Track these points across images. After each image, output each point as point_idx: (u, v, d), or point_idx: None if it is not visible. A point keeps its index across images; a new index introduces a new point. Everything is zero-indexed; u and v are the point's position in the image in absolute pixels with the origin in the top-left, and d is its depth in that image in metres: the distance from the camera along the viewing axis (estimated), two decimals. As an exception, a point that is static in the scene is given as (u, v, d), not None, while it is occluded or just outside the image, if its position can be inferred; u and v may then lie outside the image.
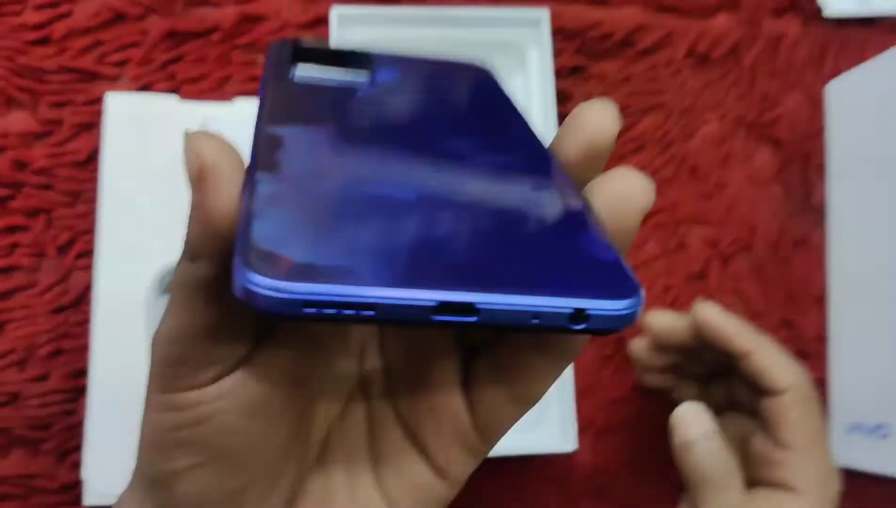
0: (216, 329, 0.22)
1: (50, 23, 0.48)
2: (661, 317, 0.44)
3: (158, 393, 0.23)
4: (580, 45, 0.52)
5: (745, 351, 0.41)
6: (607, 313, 0.17)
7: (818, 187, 0.52)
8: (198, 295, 0.21)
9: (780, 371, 0.40)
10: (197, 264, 0.21)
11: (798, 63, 0.53)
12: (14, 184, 0.46)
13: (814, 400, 0.40)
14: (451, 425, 0.23)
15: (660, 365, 0.46)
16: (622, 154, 0.51)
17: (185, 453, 0.23)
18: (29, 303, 0.46)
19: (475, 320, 0.17)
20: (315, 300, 0.16)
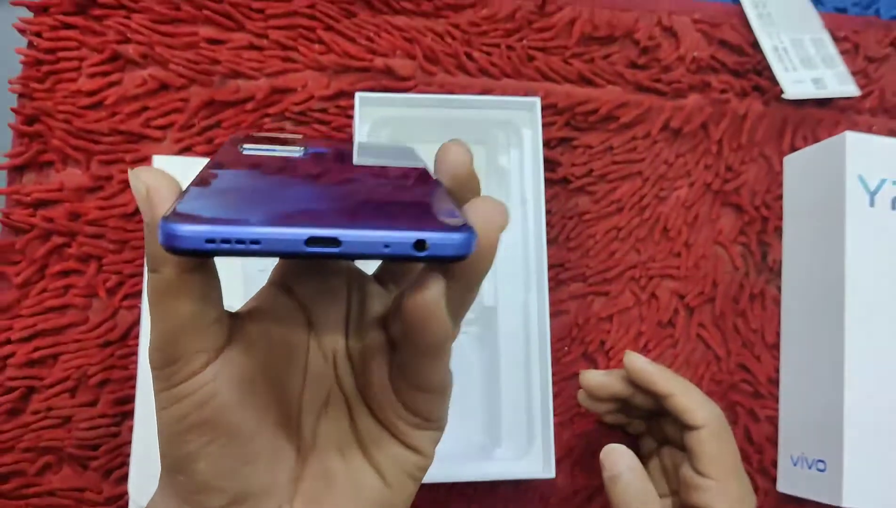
0: (192, 322, 0.27)
1: (102, 89, 0.54)
2: (591, 375, 0.50)
3: (162, 391, 0.28)
4: (569, 118, 0.58)
5: (668, 393, 0.47)
6: (443, 242, 0.23)
7: (774, 247, 0.60)
8: (168, 299, 0.26)
9: (696, 409, 0.46)
10: (160, 273, 0.26)
11: (759, 138, 0.61)
12: (69, 233, 0.53)
13: (727, 433, 0.47)
14: (394, 412, 0.30)
15: (603, 410, 0.52)
16: (603, 215, 0.58)
17: (195, 435, 0.28)
18: (81, 338, 0.52)
19: (339, 251, 0.22)
20: (214, 236, 0.22)
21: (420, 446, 0.31)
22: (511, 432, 0.51)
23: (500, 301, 0.52)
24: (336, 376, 0.32)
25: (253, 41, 0.56)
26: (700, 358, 0.58)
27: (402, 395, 0.30)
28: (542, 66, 0.58)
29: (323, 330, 0.32)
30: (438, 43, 0.58)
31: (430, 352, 0.28)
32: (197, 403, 0.28)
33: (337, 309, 0.32)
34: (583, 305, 0.57)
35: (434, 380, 0.29)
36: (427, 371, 0.29)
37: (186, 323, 0.27)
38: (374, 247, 0.22)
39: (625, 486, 0.45)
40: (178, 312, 0.27)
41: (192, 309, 0.27)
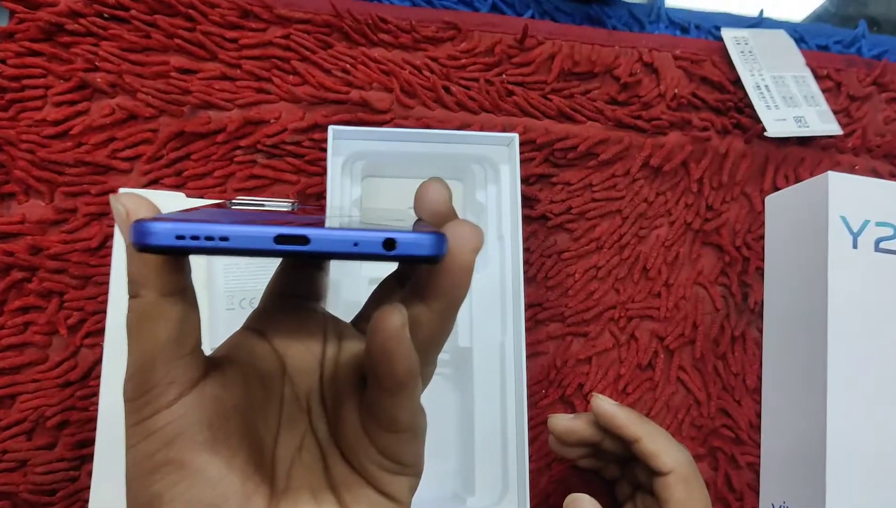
0: (168, 350, 0.27)
1: (68, 119, 0.53)
2: (559, 420, 0.49)
3: (133, 426, 0.27)
4: (548, 154, 0.57)
5: (635, 437, 0.46)
6: (414, 241, 0.23)
7: (756, 289, 0.58)
8: (146, 323, 0.26)
9: (664, 455, 0.45)
10: (140, 297, 0.26)
11: (741, 176, 0.60)
12: (30, 268, 0.51)
13: (695, 479, 0.45)
14: (367, 456, 0.29)
15: (574, 456, 0.51)
16: (582, 253, 0.57)
17: (162, 474, 0.27)
18: (39, 378, 0.50)
19: (307, 249, 0.23)
20: (183, 232, 0.22)
21: (395, 493, 0.30)
22: (486, 479, 0.49)
23: (476, 341, 0.51)
24: (310, 420, 0.31)
25: (226, 71, 0.55)
26: (680, 402, 0.57)
27: (373, 438, 0.29)
28: (521, 101, 0.57)
29: (297, 374, 0.31)
30: (416, 76, 0.57)
31: (394, 388, 0.27)
32: (166, 439, 0.27)
33: (311, 353, 0.32)
34: (561, 346, 0.56)
35: (402, 419, 0.28)
36: (394, 408, 0.28)
37: (163, 349, 0.27)
38: (342, 245, 0.23)
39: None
40: (155, 337, 0.26)
41: (168, 335, 0.27)
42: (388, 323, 0.25)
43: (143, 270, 0.26)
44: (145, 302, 0.26)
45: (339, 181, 0.50)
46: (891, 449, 0.51)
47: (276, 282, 0.34)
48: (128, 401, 0.27)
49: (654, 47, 0.61)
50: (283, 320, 0.32)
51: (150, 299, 0.26)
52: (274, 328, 0.32)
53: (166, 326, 0.27)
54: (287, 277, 0.34)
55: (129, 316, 0.27)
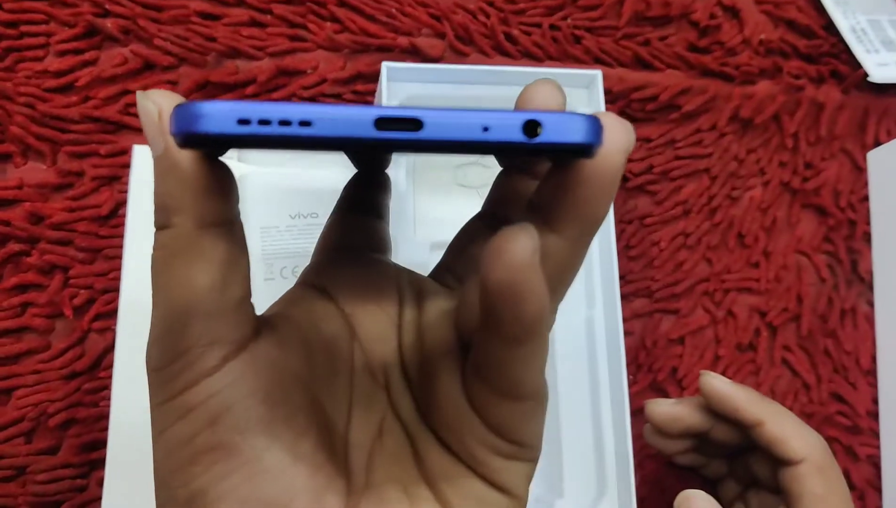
0: (208, 299, 0.20)
1: (74, 69, 0.45)
2: (660, 406, 0.41)
3: (163, 404, 0.20)
4: (624, 106, 0.50)
5: (757, 421, 0.38)
6: (563, 125, 0.17)
7: (865, 256, 0.51)
8: (179, 263, 0.20)
9: (794, 440, 0.37)
10: (173, 227, 0.20)
11: (840, 130, 0.52)
12: (29, 239, 0.43)
13: (832, 470, 0.38)
14: (473, 435, 0.21)
15: (675, 450, 0.43)
16: (668, 219, 0.49)
17: (206, 464, 0.20)
18: (40, 368, 0.42)
19: (420, 136, 0.16)
20: (248, 115, 0.16)
21: (509, 483, 0.22)
22: (577, 479, 0.41)
23: (558, 317, 0.43)
24: (389, 398, 0.24)
25: (254, 16, 0.48)
26: (787, 388, 0.49)
27: (484, 412, 0.21)
28: (592, 47, 0.50)
29: (370, 340, 0.25)
30: (471, 20, 0.50)
31: (522, 336, 0.19)
32: (209, 418, 0.20)
33: (386, 315, 0.25)
34: (649, 325, 0.48)
35: (527, 380, 0.20)
36: (518, 367, 0.20)
37: (202, 299, 0.20)
38: (468, 131, 0.17)
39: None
40: (191, 282, 0.20)
41: (210, 279, 0.20)
42: (517, 247, 0.17)
43: (178, 190, 0.19)
44: (180, 234, 0.20)
45: (391, 133, 0.42)
46: None
47: (331, 233, 0.27)
48: (154, 371, 0.21)
49: (732, -10, 0.54)
50: (349, 275, 0.25)
51: (186, 229, 0.20)
52: (338, 283, 0.25)
53: (207, 267, 0.20)
54: (344, 227, 0.27)
55: (155, 254, 0.20)
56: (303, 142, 0.16)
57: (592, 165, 0.18)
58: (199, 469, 0.20)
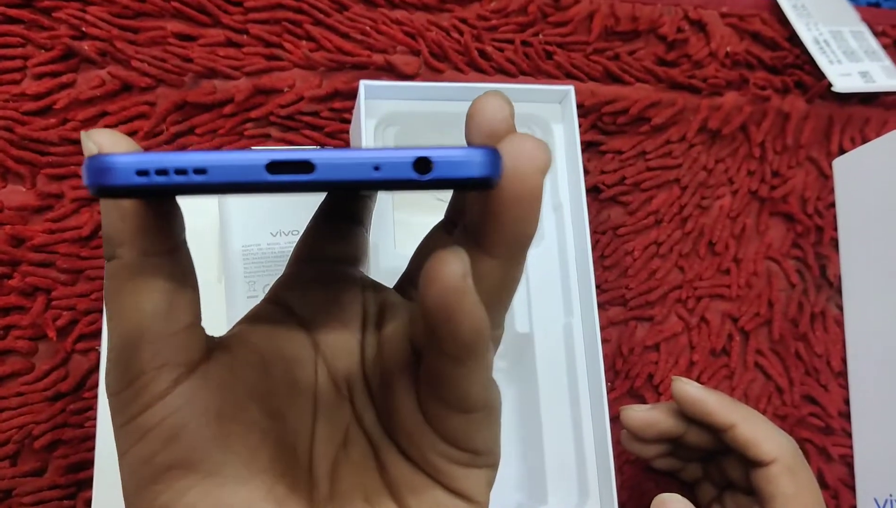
0: (156, 323, 0.21)
1: (51, 92, 0.46)
2: (635, 412, 0.42)
3: (122, 426, 0.21)
4: (595, 119, 0.51)
5: (728, 424, 0.39)
6: (455, 160, 0.17)
7: (833, 261, 0.52)
8: (126, 291, 0.21)
9: (765, 442, 0.39)
10: (118, 258, 0.21)
11: (805, 139, 0.54)
12: (10, 262, 0.43)
13: (803, 470, 0.39)
14: (430, 446, 0.22)
15: (651, 454, 0.44)
16: (640, 228, 0.51)
17: (168, 481, 0.21)
18: (24, 391, 0.42)
19: (312, 178, 0.17)
20: (146, 166, 0.17)
21: (469, 490, 0.23)
22: (558, 485, 0.42)
23: (536, 326, 0.44)
24: (353, 410, 0.25)
25: (231, 37, 0.48)
26: (761, 391, 0.50)
27: (437, 424, 0.22)
28: (563, 62, 0.51)
29: (333, 355, 0.25)
30: (445, 38, 0.50)
31: (461, 354, 0.20)
32: (165, 438, 0.21)
33: (349, 330, 0.25)
34: (625, 332, 0.49)
35: (472, 393, 0.21)
36: (462, 381, 0.21)
37: (149, 324, 0.21)
38: (359, 170, 0.17)
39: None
40: (138, 308, 0.21)
41: (156, 304, 0.21)
42: (446, 271, 0.18)
43: (121, 224, 0.20)
44: (124, 265, 0.21)
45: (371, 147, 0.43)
46: None
47: (304, 244, 0.28)
48: (112, 396, 0.22)
49: (698, 4, 0.56)
50: (314, 290, 0.26)
51: (130, 260, 0.21)
52: (302, 300, 0.25)
53: (151, 295, 0.21)
54: (318, 237, 0.27)
55: (106, 284, 0.21)
56: (200, 188, 0.17)
57: (508, 189, 0.19)
58: (161, 487, 0.21)
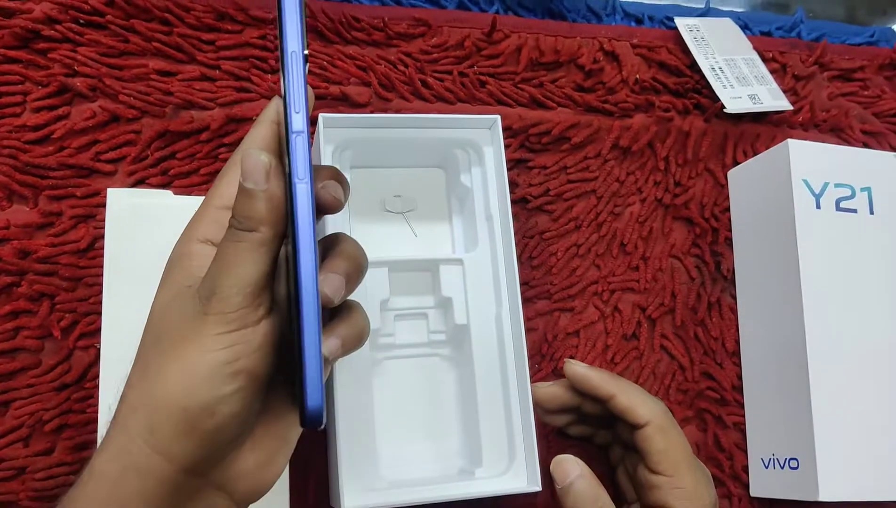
0: (267, 278, 0.33)
1: (49, 123, 0.52)
2: (539, 388, 0.51)
3: (219, 335, 0.32)
4: (523, 140, 0.60)
5: (609, 395, 0.48)
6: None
7: (727, 257, 0.61)
8: (262, 251, 0.33)
9: (639, 407, 0.47)
10: (259, 232, 0.33)
11: (703, 153, 0.63)
12: (18, 272, 0.50)
13: (672, 427, 0.47)
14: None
15: (562, 423, 0.53)
16: (562, 233, 0.59)
17: (237, 378, 0.33)
18: (34, 383, 0.49)
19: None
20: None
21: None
22: (492, 450, 0.50)
23: (472, 318, 0.52)
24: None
25: (205, 72, 0.56)
26: (666, 369, 0.59)
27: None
28: (494, 90, 0.60)
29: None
30: (392, 70, 0.58)
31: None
32: (251, 348, 0.33)
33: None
34: (549, 322, 0.58)
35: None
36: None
37: (267, 274, 0.33)
38: None
39: (576, 495, 0.44)
40: (265, 262, 0.33)
41: (270, 265, 0.34)
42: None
43: (268, 211, 0.33)
44: (263, 237, 0.33)
45: (327, 170, 0.51)
46: (873, 395, 0.54)
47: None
48: (217, 314, 0.32)
49: (612, 37, 0.64)
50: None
51: (266, 235, 0.33)
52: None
53: (269, 258, 0.33)
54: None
55: (243, 243, 0.33)
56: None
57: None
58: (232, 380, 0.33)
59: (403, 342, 0.53)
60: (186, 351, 0.32)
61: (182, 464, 0.33)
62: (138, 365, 0.35)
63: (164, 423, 0.32)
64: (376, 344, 0.52)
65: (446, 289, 0.52)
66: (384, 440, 0.51)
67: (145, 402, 0.33)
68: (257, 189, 0.32)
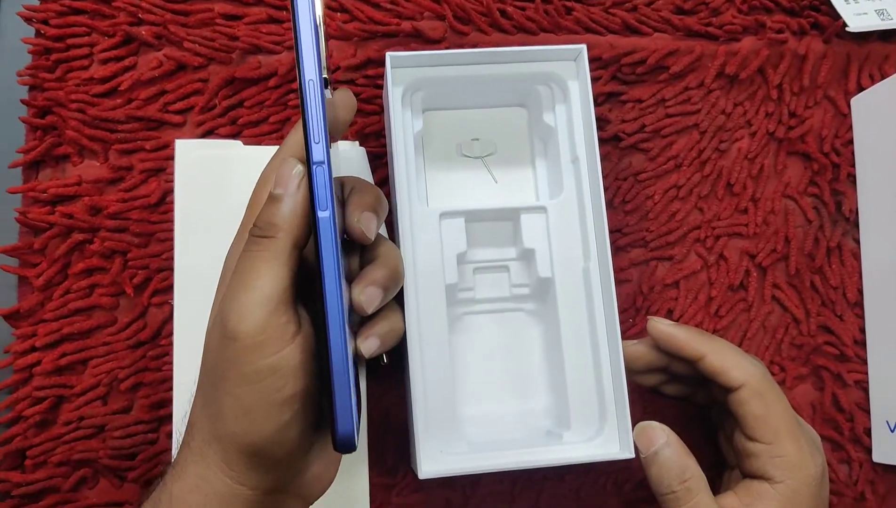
0: (289, 293, 0.32)
1: (116, 75, 0.51)
2: (625, 346, 0.46)
3: (255, 362, 0.31)
4: (615, 71, 0.54)
5: (698, 355, 0.43)
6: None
7: (849, 197, 0.55)
8: (279, 262, 0.32)
9: (733, 369, 0.42)
10: (277, 238, 0.32)
11: (822, 79, 0.56)
12: (90, 229, 0.49)
13: (771, 392, 0.42)
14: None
15: (652, 382, 0.48)
16: (660, 173, 0.54)
17: (291, 403, 0.32)
18: (109, 340, 0.48)
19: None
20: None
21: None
22: (581, 413, 0.46)
23: (557, 270, 0.48)
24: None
25: (272, 14, 0.53)
26: (777, 322, 0.53)
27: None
28: (582, 17, 0.54)
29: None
30: (468, 1, 0.54)
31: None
32: (291, 371, 0.32)
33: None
34: (645, 272, 0.53)
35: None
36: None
37: (287, 289, 0.33)
38: None
39: (661, 465, 0.40)
40: (285, 275, 0.32)
41: (290, 278, 0.33)
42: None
43: (290, 216, 0.33)
44: (281, 244, 0.33)
45: (399, 114, 0.47)
46: None
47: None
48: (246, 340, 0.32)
49: (717, -49, 0.57)
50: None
51: (285, 243, 0.33)
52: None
53: (289, 271, 0.33)
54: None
55: (259, 253, 0.33)
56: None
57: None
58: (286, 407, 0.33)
59: (484, 296, 0.50)
60: (234, 386, 0.32)
61: (263, 489, 0.34)
62: (200, 391, 0.35)
63: (238, 458, 0.33)
64: (455, 299, 0.49)
65: (528, 240, 0.48)
66: (465, 400, 0.49)
67: (216, 436, 0.33)
68: (285, 194, 0.33)
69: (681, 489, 0.40)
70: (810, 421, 0.52)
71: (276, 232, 0.32)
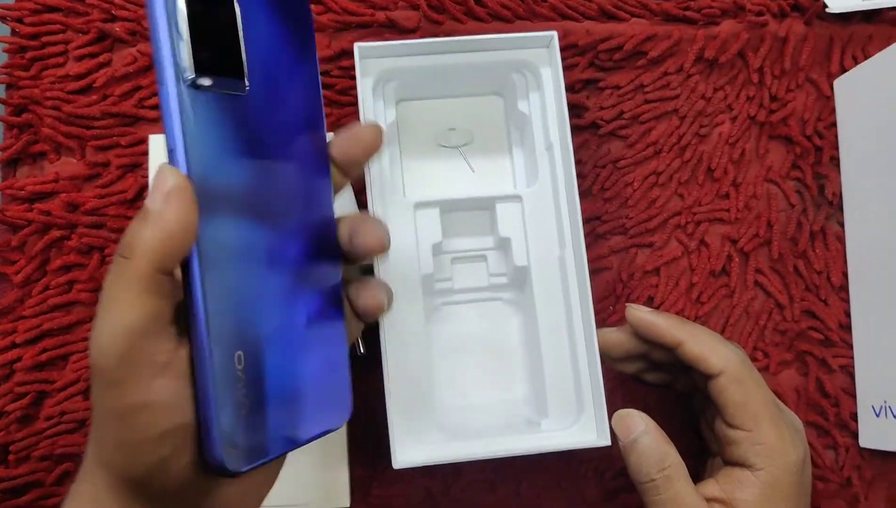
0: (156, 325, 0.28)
1: (91, 72, 0.51)
2: (603, 333, 0.46)
3: (121, 399, 0.27)
4: (592, 58, 0.54)
5: (676, 342, 0.42)
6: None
7: (832, 180, 0.54)
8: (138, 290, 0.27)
9: (711, 356, 0.41)
10: (133, 260, 0.27)
11: (804, 61, 0.55)
12: (68, 225, 0.49)
13: (751, 379, 0.41)
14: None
15: (632, 370, 0.48)
16: (639, 160, 0.53)
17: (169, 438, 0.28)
18: (89, 336, 0.49)
19: None
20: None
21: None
22: (558, 401, 0.46)
23: (533, 259, 0.47)
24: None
25: (246, 7, 0.52)
26: (761, 308, 0.53)
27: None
28: (557, 3, 0.54)
29: None
30: (444, -10, 0.53)
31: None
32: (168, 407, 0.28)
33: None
34: (625, 259, 0.52)
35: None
36: None
37: (153, 321, 0.28)
38: None
39: (640, 452, 0.40)
40: (149, 306, 0.28)
41: (156, 310, 0.28)
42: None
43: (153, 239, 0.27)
44: (140, 270, 0.27)
45: (371, 105, 0.47)
46: None
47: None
48: (107, 381, 0.28)
49: (696, -66, 0.56)
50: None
51: (144, 270, 0.27)
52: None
53: (154, 303, 0.28)
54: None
55: (117, 280, 0.28)
56: None
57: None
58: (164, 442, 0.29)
59: (462, 286, 0.50)
60: (106, 419, 0.29)
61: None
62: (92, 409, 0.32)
63: (124, 487, 0.30)
64: (432, 290, 0.49)
65: (504, 229, 0.48)
66: (444, 390, 0.48)
67: (100, 462, 0.30)
68: (152, 209, 0.27)
69: (660, 477, 0.39)
70: (795, 407, 0.52)
71: (132, 254, 0.27)
